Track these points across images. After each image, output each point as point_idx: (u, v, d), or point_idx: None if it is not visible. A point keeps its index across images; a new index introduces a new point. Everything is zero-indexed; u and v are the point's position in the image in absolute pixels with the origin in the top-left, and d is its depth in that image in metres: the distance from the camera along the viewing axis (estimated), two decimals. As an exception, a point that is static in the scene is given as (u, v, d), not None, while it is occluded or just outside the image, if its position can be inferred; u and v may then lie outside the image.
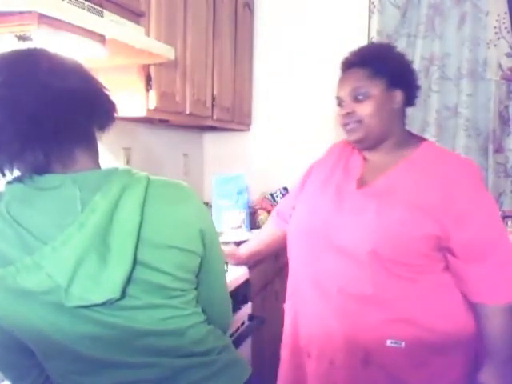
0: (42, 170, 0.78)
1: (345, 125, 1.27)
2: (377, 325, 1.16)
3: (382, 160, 1.27)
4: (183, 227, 0.83)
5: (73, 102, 0.76)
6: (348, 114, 1.24)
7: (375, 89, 1.22)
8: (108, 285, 0.73)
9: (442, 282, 1.19)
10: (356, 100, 1.24)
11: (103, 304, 0.74)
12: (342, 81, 1.30)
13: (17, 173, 0.78)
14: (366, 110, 1.22)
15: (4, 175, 0.76)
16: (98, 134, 0.85)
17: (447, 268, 1.19)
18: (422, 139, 1.31)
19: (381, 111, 1.23)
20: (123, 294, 0.75)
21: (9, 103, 0.74)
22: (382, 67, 1.24)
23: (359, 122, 1.23)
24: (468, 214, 1.15)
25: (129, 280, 0.75)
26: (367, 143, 1.27)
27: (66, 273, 0.71)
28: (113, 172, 0.81)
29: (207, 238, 0.88)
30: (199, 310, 0.90)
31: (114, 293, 0.74)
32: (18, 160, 0.75)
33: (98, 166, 0.84)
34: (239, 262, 1.67)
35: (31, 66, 0.77)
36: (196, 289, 0.90)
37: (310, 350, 1.27)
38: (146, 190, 0.80)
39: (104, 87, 0.84)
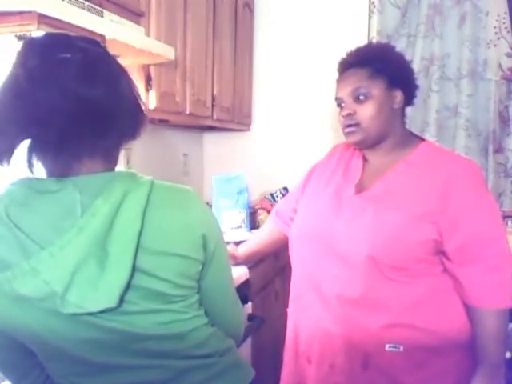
0: (44, 170, 0.77)
1: (345, 126, 1.26)
2: (375, 330, 1.16)
3: (381, 161, 1.27)
4: (185, 233, 0.80)
5: (90, 115, 0.73)
6: (349, 114, 1.24)
7: (376, 89, 1.22)
8: (105, 293, 0.71)
9: (439, 285, 1.18)
10: (357, 100, 1.23)
11: (101, 311, 0.73)
12: (341, 81, 1.29)
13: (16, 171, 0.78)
14: (367, 110, 1.21)
15: (2, 163, 0.74)
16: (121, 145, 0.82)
17: (446, 270, 1.18)
18: (421, 139, 1.31)
19: (381, 112, 1.22)
20: (121, 301, 0.73)
21: (25, 96, 0.72)
22: (382, 67, 1.23)
23: (358, 125, 1.22)
24: (463, 216, 1.14)
25: (127, 287, 0.73)
26: (366, 144, 1.26)
27: (63, 279, 0.69)
28: (116, 176, 0.78)
29: (209, 244, 0.84)
30: (201, 312, 0.88)
31: (111, 302, 0.72)
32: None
33: (107, 170, 0.81)
34: (238, 262, 1.66)
35: (60, 63, 0.73)
36: (198, 293, 0.87)
37: (310, 354, 1.27)
38: (148, 195, 0.77)
39: (141, 102, 0.82)
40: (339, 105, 1.28)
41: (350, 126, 1.24)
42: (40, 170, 0.78)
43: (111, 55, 0.81)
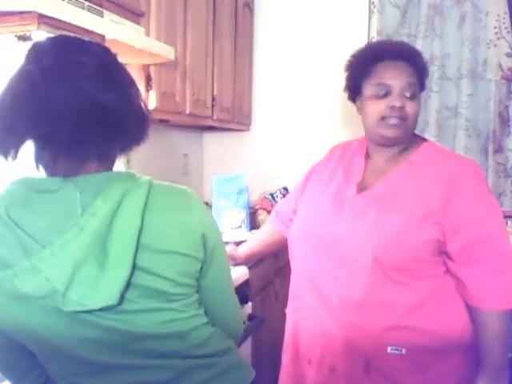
0: (46, 168, 0.78)
1: (386, 118, 1.18)
2: (377, 332, 1.15)
3: (384, 161, 1.26)
4: (185, 232, 0.81)
5: (102, 118, 0.75)
6: (397, 107, 1.16)
7: (418, 89, 1.22)
8: (106, 291, 0.72)
9: (442, 286, 1.17)
10: (406, 96, 1.18)
11: (101, 309, 0.73)
12: (391, 69, 1.20)
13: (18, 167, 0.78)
14: (414, 108, 1.20)
15: (6, 158, 0.75)
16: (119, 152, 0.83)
17: (448, 271, 1.17)
18: (423, 139, 1.30)
19: (419, 112, 1.23)
20: (121, 299, 0.74)
21: (37, 93, 0.72)
22: (422, 69, 1.24)
23: (404, 119, 1.18)
24: (466, 217, 1.13)
25: (127, 285, 0.74)
26: (397, 141, 1.22)
27: (64, 277, 0.70)
28: (115, 176, 0.79)
29: (209, 244, 0.85)
30: (201, 311, 0.88)
31: (112, 300, 0.72)
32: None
33: (105, 171, 0.81)
34: (237, 263, 1.66)
35: (76, 64, 0.74)
36: (197, 292, 0.88)
37: (311, 356, 1.26)
38: (147, 195, 0.77)
39: (146, 110, 0.83)
40: (381, 93, 1.19)
41: (396, 117, 1.18)
42: (40, 170, 0.79)
43: (122, 63, 0.83)
